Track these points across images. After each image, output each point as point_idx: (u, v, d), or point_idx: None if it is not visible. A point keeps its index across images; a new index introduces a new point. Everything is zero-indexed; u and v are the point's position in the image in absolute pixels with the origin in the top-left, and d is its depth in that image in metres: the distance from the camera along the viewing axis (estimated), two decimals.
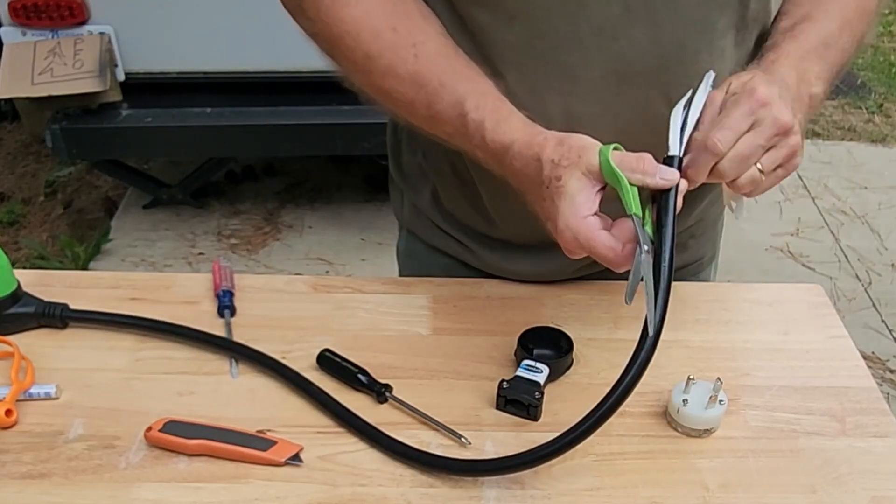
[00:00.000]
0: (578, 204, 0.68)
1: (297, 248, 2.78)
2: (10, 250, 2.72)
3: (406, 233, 1.08)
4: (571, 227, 0.68)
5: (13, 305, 0.86)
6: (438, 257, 1.03)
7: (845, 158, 3.41)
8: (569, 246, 0.70)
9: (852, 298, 2.60)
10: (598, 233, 0.68)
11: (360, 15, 0.76)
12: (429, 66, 0.75)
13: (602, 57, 0.78)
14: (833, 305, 0.95)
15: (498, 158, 0.73)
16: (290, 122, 2.43)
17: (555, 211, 0.69)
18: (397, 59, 0.75)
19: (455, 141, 0.77)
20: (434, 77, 0.75)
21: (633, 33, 0.77)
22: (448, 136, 0.77)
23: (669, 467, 0.73)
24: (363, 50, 0.76)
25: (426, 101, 0.75)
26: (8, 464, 0.72)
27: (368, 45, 0.76)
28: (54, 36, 2.32)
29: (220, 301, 0.90)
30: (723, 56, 0.82)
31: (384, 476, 0.72)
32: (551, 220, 0.70)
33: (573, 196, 0.68)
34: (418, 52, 0.75)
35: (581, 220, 0.68)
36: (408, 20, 0.77)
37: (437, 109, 0.75)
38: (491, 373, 0.83)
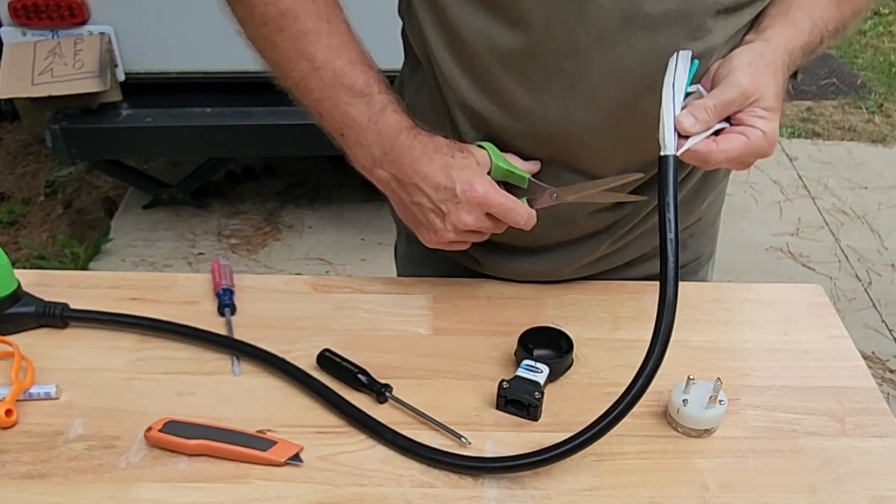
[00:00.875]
0: (484, 173, 0.81)
1: (297, 248, 2.78)
2: (10, 250, 2.72)
3: (405, 236, 1.08)
4: (485, 183, 0.79)
5: (13, 305, 0.86)
6: (437, 260, 1.02)
7: (845, 158, 3.41)
8: (477, 198, 0.79)
9: (852, 298, 2.60)
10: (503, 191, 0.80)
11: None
12: (340, 43, 0.81)
13: (601, 64, 0.78)
14: (833, 305, 0.95)
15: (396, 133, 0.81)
16: (290, 122, 2.42)
17: (466, 174, 0.80)
18: (313, 26, 0.80)
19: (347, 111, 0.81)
20: (345, 53, 0.81)
21: (632, 41, 0.77)
22: (343, 104, 0.81)
23: (669, 467, 0.73)
24: (279, 8, 0.79)
25: (332, 74, 0.80)
26: (8, 464, 0.72)
27: (285, 4, 0.79)
28: (54, 36, 2.32)
29: (220, 299, 0.90)
30: None
31: (384, 476, 0.72)
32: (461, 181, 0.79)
33: (479, 167, 0.81)
34: (331, 28, 0.81)
35: (491, 181, 0.80)
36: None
37: (344, 83, 0.80)
38: (491, 373, 0.83)
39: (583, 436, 0.69)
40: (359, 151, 0.83)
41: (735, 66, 0.74)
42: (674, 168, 0.72)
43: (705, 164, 0.74)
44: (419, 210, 0.83)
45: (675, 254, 0.70)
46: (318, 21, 0.80)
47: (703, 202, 0.98)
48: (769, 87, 0.74)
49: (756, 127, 0.73)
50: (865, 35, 4.61)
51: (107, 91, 2.32)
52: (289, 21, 0.79)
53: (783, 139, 3.52)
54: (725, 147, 0.73)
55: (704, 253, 1.06)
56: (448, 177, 0.79)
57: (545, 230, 0.90)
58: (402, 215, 0.86)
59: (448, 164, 0.80)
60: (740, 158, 0.74)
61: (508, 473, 0.72)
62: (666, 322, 0.69)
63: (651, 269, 1.00)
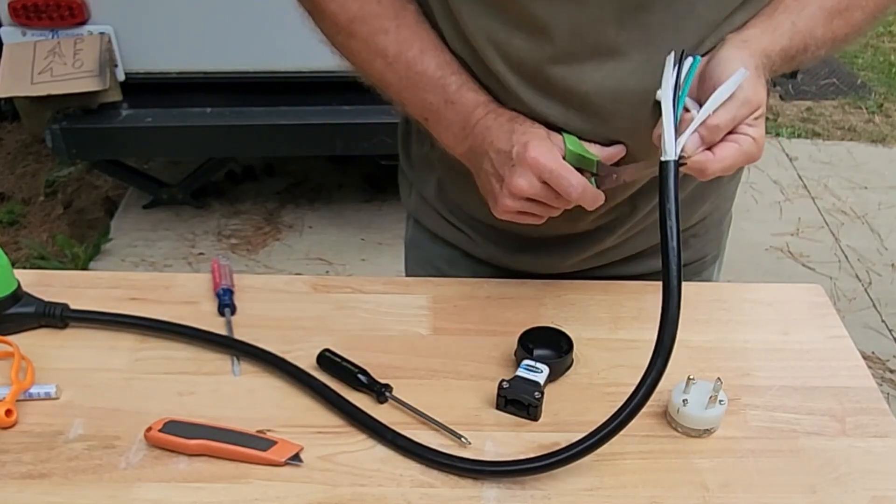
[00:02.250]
0: (549, 142, 0.79)
1: (297, 248, 2.78)
2: (10, 250, 2.72)
3: (413, 222, 1.10)
4: (540, 145, 0.77)
5: (13, 305, 0.86)
6: (442, 247, 1.04)
7: (845, 158, 3.41)
8: (528, 159, 0.77)
9: (852, 298, 2.60)
10: (561, 159, 0.78)
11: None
12: (409, 35, 0.84)
13: (597, 74, 0.79)
14: (833, 305, 0.95)
15: (473, 108, 0.82)
16: (290, 122, 2.43)
17: (526, 136, 0.78)
18: (380, 25, 0.83)
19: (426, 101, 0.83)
20: (415, 43, 0.83)
21: (628, 53, 0.77)
22: (420, 91, 0.83)
23: (669, 467, 0.73)
24: (347, 15, 0.83)
25: (406, 65, 0.83)
26: (8, 464, 0.72)
27: (353, 11, 0.83)
28: (54, 36, 2.32)
29: (220, 299, 0.90)
30: None
31: (384, 476, 0.72)
32: (519, 143, 0.78)
33: (546, 138, 0.79)
34: (399, 23, 0.83)
35: (551, 147, 0.78)
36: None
37: (417, 71, 0.83)
38: (491, 373, 0.83)
39: (578, 446, 0.70)
40: (442, 132, 0.84)
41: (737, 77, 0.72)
42: (674, 174, 0.71)
43: (702, 174, 0.73)
44: (486, 178, 0.82)
45: (677, 263, 0.70)
46: (386, 20, 0.83)
47: (704, 202, 0.98)
48: (762, 95, 0.74)
49: (747, 134, 0.73)
50: (865, 35, 4.61)
51: (107, 91, 2.32)
52: (358, 25, 0.83)
53: (783, 139, 3.52)
54: (721, 156, 0.72)
55: (709, 254, 1.06)
56: (508, 140, 0.79)
57: (551, 223, 0.91)
58: (479, 185, 0.85)
59: (512, 129, 0.80)
60: (734, 166, 0.74)
61: (507, 478, 0.72)
62: (668, 333, 0.69)
63: (652, 266, 1.00)
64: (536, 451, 0.74)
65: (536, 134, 0.79)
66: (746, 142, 0.73)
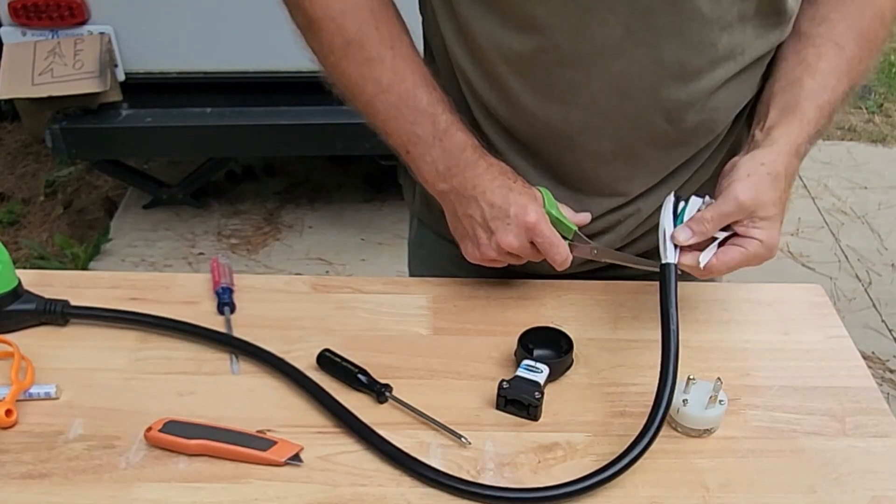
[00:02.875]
0: (539, 204, 0.82)
1: (297, 248, 2.78)
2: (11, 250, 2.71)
3: (417, 222, 1.10)
4: (539, 212, 0.81)
5: (14, 302, 0.86)
6: (446, 246, 1.03)
7: (845, 158, 3.41)
8: (528, 223, 0.81)
9: (852, 298, 2.60)
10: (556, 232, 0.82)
11: (347, 6, 0.82)
12: (405, 67, 0.83)
13: (603, 74, 0.79)
14: (833, 305, 0.95)
15: (461, 150, 0.83)
16: (290, 122, 2.42)
17: (524, 199, 0.81)
18: (377, 52, 0.83)
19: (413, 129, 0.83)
20: (409, 76, 0.83)
21: (634, 53, 0.78)
22: (408, 123, 0.83)
23: (669, 467, 0.73)
24: (345, 38, 0.82)
25: (397, 97, 0.83)
26: (8, 464, 0.72)
27: (350, 34, 0.82)
28: (54, 36, 2.32)
29: (219, 298, 0.90)
30: (724, 76, 0.83)
31: (384, 476, 0.72)
32: (517, 204, 0.81)
33: (536, 199, 0.82)
34: (396, 53, 0.83)
35: (544, 215, 0.82)
36: (388, 24, 0.84)
37: (408, 104, 0.83)
38: (491, 373, 0.83)
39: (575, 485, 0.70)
40: (423, 167, 0.85)
41: (735, 179, 0.78)
42: (674, 276, 0.77)
43: (708, 274, 0.79)
44: (469, 223, 0.84)
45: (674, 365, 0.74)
46: (383, 48, 0.83)
47: None
48: (767, 197, 0.77)
49: (753, 238, 0.78)
50: None
51: (107, 91, 2.32)
52: (354, 49, 0.82)
53: None
54: (724, 259, 0.78)
55: None
56: (506, 198, 0.81)
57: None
58: (451, 226, 0.88)
59: (509, 186, 0.82)
60: (741, 267, 0.79)
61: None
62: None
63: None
64: (536, 451, 0.74)
65: (530, 197, 0.82)
66: (753, 245, 0.78)
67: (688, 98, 0.82)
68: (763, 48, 0.84)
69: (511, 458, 0.74)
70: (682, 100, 0.82)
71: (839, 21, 0.84)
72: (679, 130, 0.85)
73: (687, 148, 0.89)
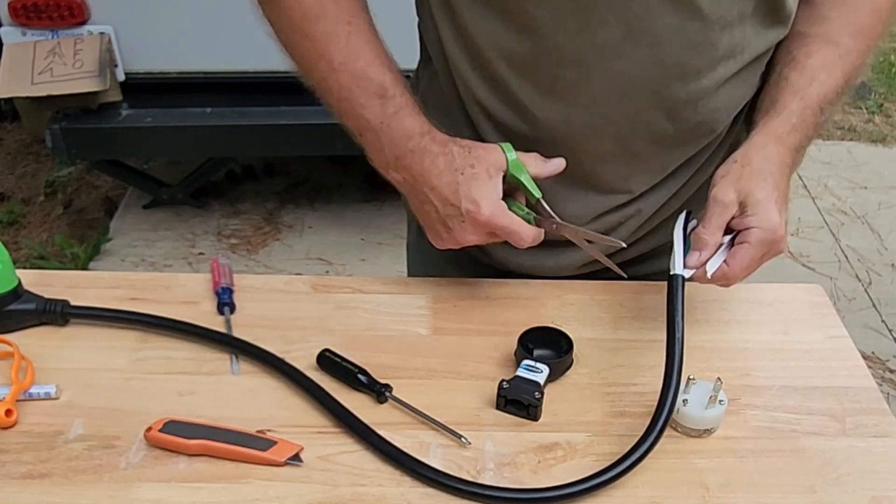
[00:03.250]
0: (494, 187, 0.79)
1: (297, 248, 2.78)
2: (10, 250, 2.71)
3: (416, 226, 1.09)
4: (492, 205, 0.79)
5: (14, 302, 0.86)
6: (448, 250, 1.03)
7: (845, 158, 3.41)
8: (480, 220, 0.79)
9: (852, 298, 2.60)
10: (510, 213, 0.80)
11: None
12: (360, 44, 0.81)
13: (603, 74, 0.79)
14: (833, 305, 0.95)
15: (407, 138, 0.80)
16: (290, 122, 2.42)
17: (474, 191, 0.79)
18: (333, 28, 0.80)
19: (362, 117, 0.81)
20: (363, 55, 0.80)
21: (634, 54, 0.78)
22: (358, 106, 0.81)
23: (669, 467, 0.73)
24: (302, 10, 0.80)
25: (352, 72, 0.80)
26: (8, 464, 0.72)
27: (307, 6, 0.80)
28: (54, 36, 2.32)
29: (219, 298, 0.90)
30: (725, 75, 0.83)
31: (384, 476, 0.72)
32: (467, 199, 0.79)
33: (489, 180, 0.79)
34: (352, 29, 0.81)
35: (498, 200, 0.79)
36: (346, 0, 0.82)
37: (360, 85, 0.80)
38: (491, 373, 0.83)
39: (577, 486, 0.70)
40: (373, 153, 0.83)
41: (713, 184, 0.79)
42: (682, 287, 0.77)
43: (729, 283, 0.79)
44: (426, 217, 0.84)
45: (678, 372, 0.74)
46: (339, 23, 0.80)
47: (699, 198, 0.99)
48: (746, 187, 0.78)
49: (750, 227, 0.77)
50: None
51: (107, 91, 2.32)
52: (310, 23, 0.80)
53: None
54: (737, 260, 0.78)
55: None
56: (455, 193, 0.79)
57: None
58: (415, 213, 0.87)
59: (456, 180, 0.79)
60: (759, 261, 0.78)
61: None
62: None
63: (655, 267, 1.01)
64: (536, 451, 0.74)
65: (482, 185, 0.79)
66: (753, 235, 0.77)
67: (688, 97, 0.82)
68: (763, 46, 0.84)
69: (511, 458, 0.74)
70: (683, 99, 0.82)
71: (836, 19, 0.84)
72: (679, 130, 0.85)
73: (687, 147, 0.89)
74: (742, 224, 0.78)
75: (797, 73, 0.83)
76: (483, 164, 0.80)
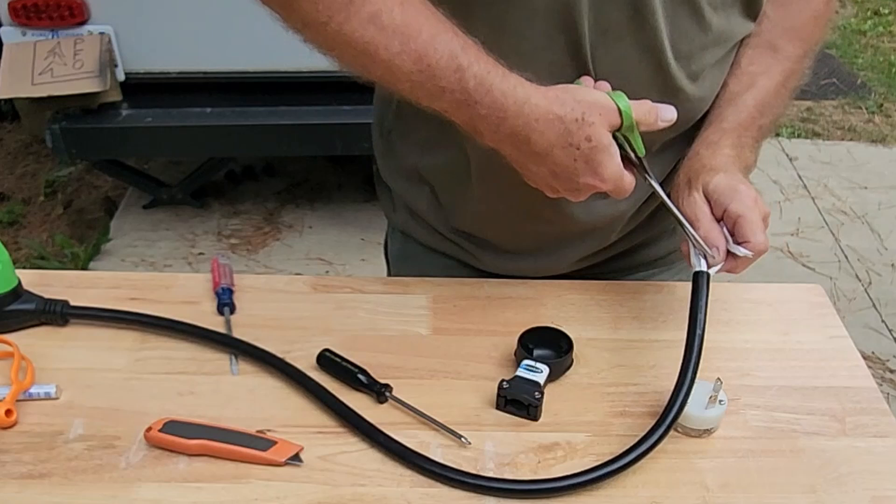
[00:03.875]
0: (614, 154, 0.73)
1: (297, 248, 2.78)
2: (10, 250, 2.71)
3: (400, 235, 1.08)
4: (616, 175, 0.74)
5: (14, 302, 0.86)
6: (437, 258, 1.03)
7: (845, 158, 3.41)
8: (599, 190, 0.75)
9: (852, 298, 2.60)
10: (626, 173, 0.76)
11: None
12: (417, 17, 0.69)
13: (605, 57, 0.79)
14: (833, 305, 0.95)
15: (504, 116, 0.70)
16: (290, 122, 2.42)
17: (594, 166, 0.73)
18: (383, 6, 0.69)
19: (444, 98, 0.71)
20: (424, 29, 0.69)
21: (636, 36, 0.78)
22: (438, 91, 0.70)
23: (669, 467, 0.73)
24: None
25: (416, 55, 0.69)
26: (8, 464, 0.72)
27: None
28: (54, 36, 2.32)
29: (219, 298, 0.90)
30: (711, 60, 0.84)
31: (384, 476, 0.72)
32: (587, 174, 0.73)
33: (608, 148, 0.73)
34: (404, 1, 0.69)
35: (621, 167, 0.74)
36: None
37: (430, 63, 0.69)
38: (491, 373, 0.83)
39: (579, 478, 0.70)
40: (466, 127, 0.74)
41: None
42: (706, 284, 0.78)
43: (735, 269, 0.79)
44: (534, 176, 0.76)
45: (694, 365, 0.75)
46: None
47: None
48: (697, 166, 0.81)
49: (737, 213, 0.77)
50: (865, 35, 4.61)
51: (107, 91, 2.32)
52: (357, 6, 0.68)
53: (783, 139, 3.52)
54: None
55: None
56: (573, 170, 0.73)
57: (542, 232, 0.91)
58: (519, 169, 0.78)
59: (573, 156, 0.72)
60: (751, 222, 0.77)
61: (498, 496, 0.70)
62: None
63: (651, 255, 1.02)
64: (536, 451, 0.74)
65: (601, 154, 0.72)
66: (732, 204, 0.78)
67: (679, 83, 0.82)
68: (741, 34, 0.86)
69: (511, 458, 0.74)
70: (676, 85, 0.82)
71: (776, 21, 0.87)
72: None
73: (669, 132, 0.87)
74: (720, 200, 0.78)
75: (735, 80, 0.86)
76: (599, 133, 0.72)
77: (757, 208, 0.78)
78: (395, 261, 1.12)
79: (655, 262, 1.04)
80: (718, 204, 0.79)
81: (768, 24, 0.87)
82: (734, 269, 0.79)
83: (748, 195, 0.78)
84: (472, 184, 0.91)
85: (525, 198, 0.84)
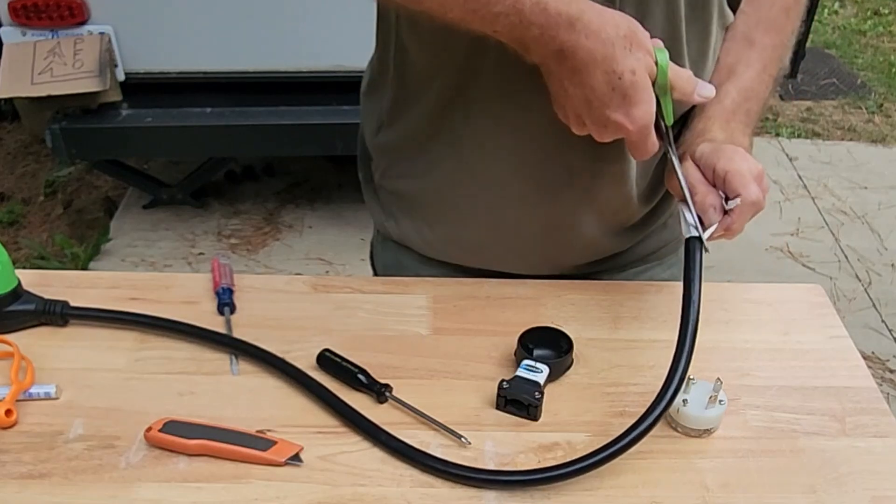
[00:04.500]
0: (650, 99, 0.72)
1: (297, 248, 2.78)
2: (10, 250, 2.71)
3: (393, 244, 1.05)
4: (646, 120, 0.73)
5: (14, 302, 0.86)
6: (433, 267, 1.02)
7: (845, 158, 3.41)
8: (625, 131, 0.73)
9: (852, 298, 2.60)
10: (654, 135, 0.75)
11: None
12: None
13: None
14: (833, 305, 0.95)
15: (555, 34, 0.69)
16: (290, 122, 2.43)
17: (630, 102, 0.71)
18: None
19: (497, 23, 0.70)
20: None
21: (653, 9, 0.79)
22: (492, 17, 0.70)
23: (669, 467, 0.73)
24: None
25: None
26: (8, 464, 0.72)
27: None
28: (54, 36, 2.32)
29: (219, 298, 0.90)
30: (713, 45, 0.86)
31: (384, 476, 0.72)
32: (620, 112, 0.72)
33: (648, 89, 0.72)
34: None
35: (653, 114, 0.73)
36: None
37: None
38: (491, 373, 0.83)
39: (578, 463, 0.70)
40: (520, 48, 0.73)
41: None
42: (699, 249, 0.78)
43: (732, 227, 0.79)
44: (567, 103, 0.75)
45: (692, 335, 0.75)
46: None
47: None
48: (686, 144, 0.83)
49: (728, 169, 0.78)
50: (865, 35, 4.61)
51: (107, 91, 2.32)
52: None
53: (783, 139, 3.52)
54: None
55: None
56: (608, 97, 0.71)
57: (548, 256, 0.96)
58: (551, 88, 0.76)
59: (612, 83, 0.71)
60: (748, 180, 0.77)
61: (501, 488, 0.71)
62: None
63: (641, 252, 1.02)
64: (536, 451, 0.74)
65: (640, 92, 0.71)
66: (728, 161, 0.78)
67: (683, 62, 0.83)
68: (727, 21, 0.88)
69: (511, 458, 0.74)
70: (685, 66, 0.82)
71: (749, 14, 0.89)
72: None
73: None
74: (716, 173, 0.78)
75: (715, 73, 0.88)
76: (642, 70, 0.71)
77: (745, 163, 0.77)
78: (382, 273, 1.09)
79: (647, 258, 1.04)
80: (707, 167, 0.79)
81: (743, 18, 0.89)
82: (731, 226, 0.78)
83: (734, 150, 0.78)
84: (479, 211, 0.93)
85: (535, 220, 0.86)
